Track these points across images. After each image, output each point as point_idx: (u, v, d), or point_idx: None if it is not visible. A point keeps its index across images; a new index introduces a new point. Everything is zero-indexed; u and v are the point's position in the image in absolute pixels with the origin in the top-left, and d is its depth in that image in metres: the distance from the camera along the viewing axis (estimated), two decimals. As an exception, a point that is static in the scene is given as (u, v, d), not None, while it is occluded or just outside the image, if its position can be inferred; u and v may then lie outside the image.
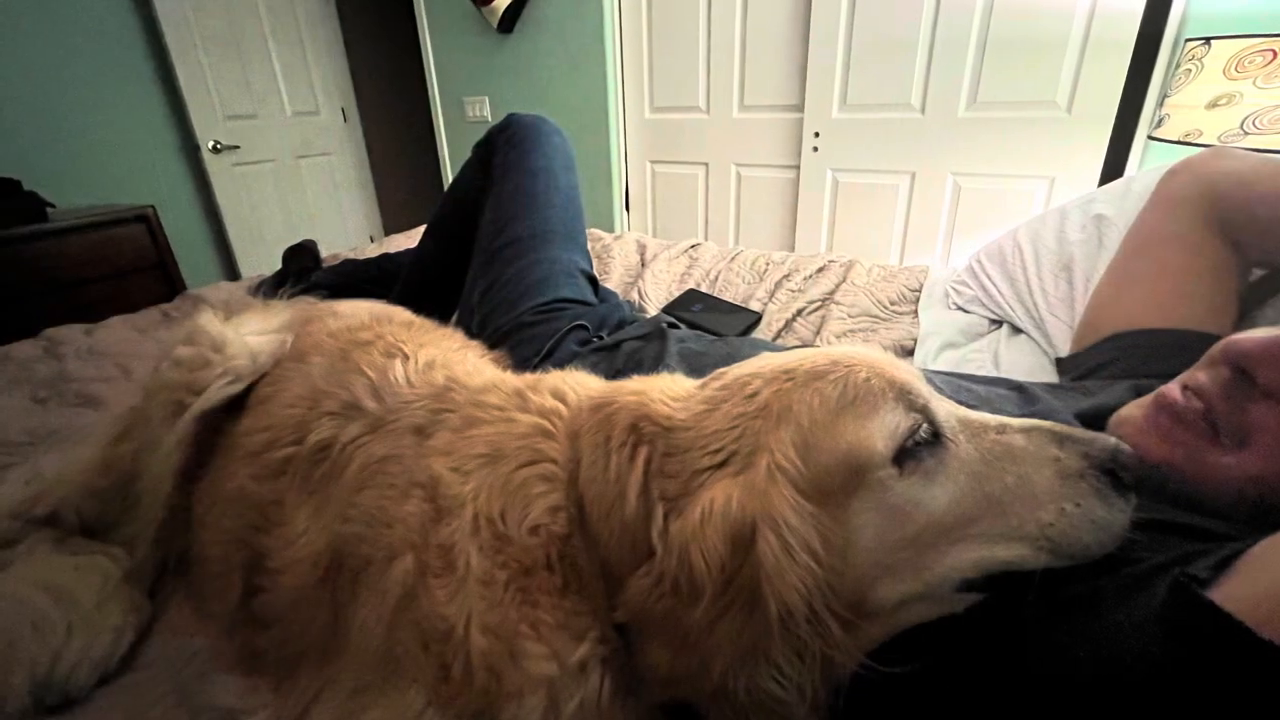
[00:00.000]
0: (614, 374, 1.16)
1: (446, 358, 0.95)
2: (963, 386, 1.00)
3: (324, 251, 2.39)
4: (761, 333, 1.77)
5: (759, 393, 0.61)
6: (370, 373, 0.88)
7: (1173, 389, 0.77)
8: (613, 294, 1.63)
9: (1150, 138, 2.16)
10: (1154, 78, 2.44)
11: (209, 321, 1.04)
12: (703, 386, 0.68)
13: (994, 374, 1.28)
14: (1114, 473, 0.58)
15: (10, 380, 1.59)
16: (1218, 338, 0.77)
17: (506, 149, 1.58)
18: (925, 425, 0.58)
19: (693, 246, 2.30)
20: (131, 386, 1.53)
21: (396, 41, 5.25)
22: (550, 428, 0.72)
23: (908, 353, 1.54)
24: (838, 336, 1.65)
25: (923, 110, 3.01)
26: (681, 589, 0.55)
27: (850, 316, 1.72)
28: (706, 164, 3.76)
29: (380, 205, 5.22)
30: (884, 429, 0.57)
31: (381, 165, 5.22)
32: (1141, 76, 2.46)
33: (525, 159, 1.55)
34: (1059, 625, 0.57)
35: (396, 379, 0.87)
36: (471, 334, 1.23)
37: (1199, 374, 0.76)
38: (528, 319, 1.37)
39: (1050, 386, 1.02)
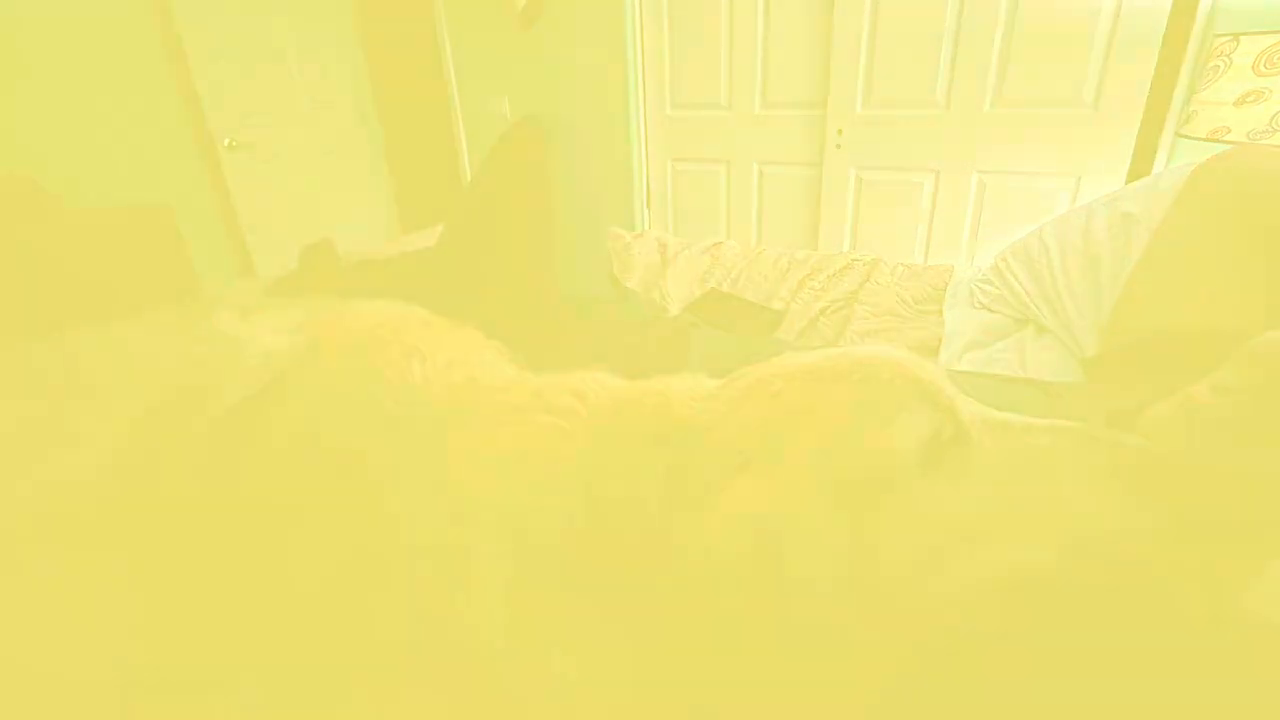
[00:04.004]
0: (635, 375, 1.16)
1: (465, 357, 0.95)
2: (988, 387, 0.99)
3: (341, 250, 2.39)
4: (784, 332, 1.76)
5: (782, 393, 0.61)
6: (388, 372, 0.88)
7: (1202, 389, 0.76)
8: (634, 294, 1.62)
9: (1178, 135, 2.14)
10: (1182, 74, 2.41)
11: (225, 321, 1.04)
12: (725, 387, 0.67)
13: (1020, 374, 1.27)
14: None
15: (20, 381, 1.58)
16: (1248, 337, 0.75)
17: (526, 147, 1.57)
18: (949, 426, 0.58)
19: (714, 245, 2.30)
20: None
21: (415, 38, 5.26)
22: (569, 428, 0.72)
23: (932, 353, 1.53)
24: (861, 336, 1.65)
25: (947, 107, 2.99)
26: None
27: (874, 316, 1.71)
28: (728, 161, 3.75)
29: (398, 203, 5.23)
30: (908, 430, 0.56)
31: (400, 163, 5.23)
32: (1169, 73, 2.42)
33: (545, 157, 1.55)
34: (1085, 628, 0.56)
35: (415, 379, 0.86)
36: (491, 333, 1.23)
37: (1228, 374, 0.74)
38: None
39: (1077, 386, 1.01)
